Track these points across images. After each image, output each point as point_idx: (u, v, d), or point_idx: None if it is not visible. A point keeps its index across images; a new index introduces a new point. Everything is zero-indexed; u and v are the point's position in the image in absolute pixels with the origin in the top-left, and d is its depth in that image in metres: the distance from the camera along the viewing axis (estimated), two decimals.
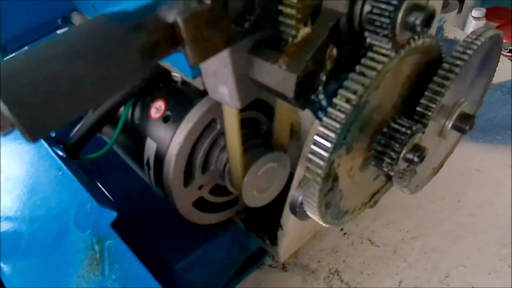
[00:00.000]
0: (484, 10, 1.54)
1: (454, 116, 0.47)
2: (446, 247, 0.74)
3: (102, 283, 0.42)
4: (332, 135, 0.34)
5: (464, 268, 0.70)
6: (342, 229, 0.79)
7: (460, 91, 0.47)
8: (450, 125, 0.48)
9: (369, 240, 0.77)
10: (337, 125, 0.34)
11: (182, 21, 0.28)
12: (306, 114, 0.62)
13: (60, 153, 0.54)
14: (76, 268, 0.44)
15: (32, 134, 0.24)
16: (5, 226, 0.54)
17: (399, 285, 0.70)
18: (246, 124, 0.57)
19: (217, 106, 0.51)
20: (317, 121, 0.53)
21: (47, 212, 0.51)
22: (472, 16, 1.54)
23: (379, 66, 0.34)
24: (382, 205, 0.50)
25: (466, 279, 0.69)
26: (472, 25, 1.57)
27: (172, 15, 0.28)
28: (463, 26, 1.63)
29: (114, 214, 0.44)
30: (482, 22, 1.57)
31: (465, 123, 0.48)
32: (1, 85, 0.23)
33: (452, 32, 1.22)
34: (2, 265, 0.52)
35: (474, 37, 0.43)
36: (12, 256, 0.52)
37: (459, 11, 1.57)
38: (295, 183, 0.57)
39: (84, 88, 0.26)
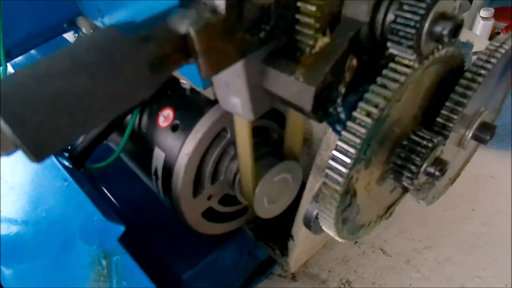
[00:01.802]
0: (492, 10, 1.52)
1: (475, 126, 0.45)
2: (461, 258, 0.72)
3: None
4: (352, 150, 0.32)
5: (480, 280, 0.68)
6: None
7: (481, 100, 0.45)
8: (470, 135, 0.46)
9: (381, 250, 0.75)
10: (357, 140, 0.32)
11: (195, 32, 0.26)
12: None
13: (66, 163, 0.52)
14: (82, 283, 0.42)
15: (36, 155, 0.23)
16: (8, 238, 0.52)
17: None
18: (256, 133, 0.56)
19: (227, 115, 0.50)
20: (330, 129, 0.52)
21: (51, 224, 0.49)
22: (480, 16, 1.52)
23: (402, 78, 0.32)
24: (393, 213, 0.48)
25: None
26: (480, 25, 1.54)
27: (184, 26, 0.26)
28: (471, 26, 1.60)
29: (121, 229, 0.42)
30: (491, 23, 1.54)
31: (485, 133, 0.46)
32: (2, 104, 0.21)
33: (463, 34, 1.20)
34: (7, 277, 0.50)
35: (498, 44, 0.41)
36: (15, 269, 0.51)
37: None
38: (307, 193, 0.55)
39: (91, 105, 0.24)
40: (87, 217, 0.45)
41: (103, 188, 0.78)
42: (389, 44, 0.31)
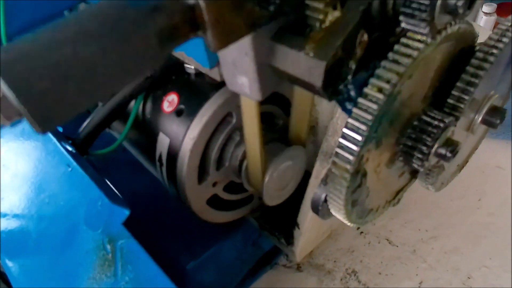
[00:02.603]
0: (495, 5, 1.50)
1: (484, 110, 0.45)
2: (467, 248, 0.71)
3: (115, 285, 0.39)
4: (363, 127, 0.31)
5: (487, 269, 0.67)
6: (358, 228, 0.77)
7: (491, 83, 0.44)
8: (479, 119, 0.45)
9: (387, 240, 0.74)
10: (369, 117, 0.31)
11: (205, 2, 0.25)
12: (324, 109, 0.60)
13: (69, 149, 0.51)
14: (87, 268, 0.42)
15: (41, 125, 0.22)
16: (12, 225, 0.52)
17: (419, 286, 0.67)
18: (261, 119, 0.55)
19: (233, 99, 0.49)
20: (337, 114, 0.51)
21: (55, 210, 0.49)
22: (483, 12, 1.51)
23: (415, 53, 0.31)
24: (400, 201, 0.48)
25: (489, 281, 0.66)
26: (482, 21, 1.53)
27: None
28: (473, 21, 1.59)
29: (126, 212, 0.41)
30: (493, 18, 1.53)
31: (495, 117, 0.45)
32: (5, 69, 0.21)
33: None
34: (10, 265, 0.50)
35: (509, 24, 0.40)
36: (19, 255, 0.50)
37: None
38: (313, 180, 0.54)
39: (98, 74, 0.23)
40: (91, 201, 0.44)
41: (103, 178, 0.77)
42: (401, 17, 0.30)
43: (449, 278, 0.67)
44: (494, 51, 0.38)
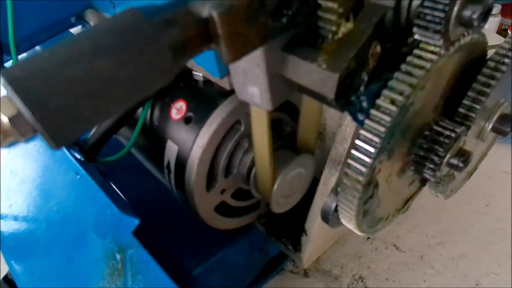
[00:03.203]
0: (499, 6, 1.50)
1: (495, 118, 0.44)
2: (475, 254, 0.71)
3: None
4: (376, 139, 0.31)
5: (495, 276, 0.67)
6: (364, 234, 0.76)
7: (502, 91, 0.44)
8: (490, 127, 0.45)
9: (394, 245, 0.74)
10: (382, 129, 0.31)
11: (218, 15, 0.25)
12: (331, 115, 0.59)
13: (77, 156, 0.51)
14: (96, 277, 0.42)
15: (56, 141, 0.22)
16: (21, 231, 0.52)
17: None
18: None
19: (241, 107, 0.49)
20: (346, 122, 0.51)
21: (64, 217, 0.49)
22: None
23: (428, 64, 0.31)
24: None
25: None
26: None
27: (206, 9, 0.26)
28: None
29: (136, 222, 0.41)
30: (497, 19, 1.52)
31: (506, 125, 0.45)
32: (22, 86, 0.21)
33: None
34: (18, 272, 0.50)
35: None
36: (28, 262, 0.50)
37: None
38: (321, 187, 0.54)
39: (113, 89, 0.23)
40: (100, 210, 0.44)
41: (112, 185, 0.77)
42: (415, 29, 0.30)
43: (457, 285, 0.67)
44: (506, 60, 0.38)
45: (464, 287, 0.67)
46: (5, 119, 0.21)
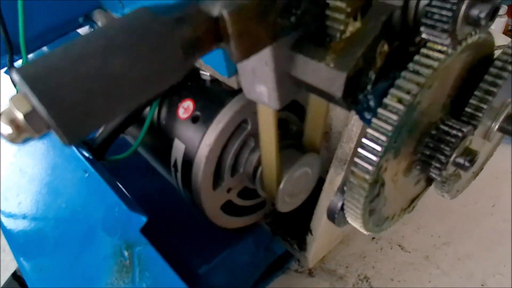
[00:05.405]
0: (505, 7, 1.49)
1: (501, 118, 0.44)
2: (481, 254, 0.70)
3: None
4: (382, 138, 0.31)
5: (502, 277, 0.67)
6: (370, 234, 0.76)
7: (508, 91, 0.44)
8: (496, 127, 0.45)
9: (399, 245, 0.74)
10: (389, 128, 0.31)
11: (229, 14, 0.26)
12: (338, 115, 0.60)
13: (86, 154, 0.52)
14: (104, 274, 0.42)
15: (69, 137, 0.23)
16: (30, 228, 0.52)
17: None
18: None
19: (248, 106, 0.49)
20: (352, 121, 0.51)
21: (72, 214, 0.49)
22: None
23: (435, 63, 0.31)
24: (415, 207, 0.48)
25: None
26: None
27: (217, 8, 0.26)
28: None
29: (144, 219, 0.42)
30: (504, 20, 1.52)
31: None
32: (37, 83, 0.21)
33: None
34: (27, 268, 0.50)
35: None
36: (37, 259, 0.51)
37: None
38: (327, 186, 0.54)
39: (126, 86, 0.24)
40: (108, 207, 0.45)
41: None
42: (422, 28, 0.30)
43: (463, 285, 0.67)
44: None
45: (469, 287, 0.67)
46: (20, 116, 0.21)
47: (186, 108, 0.53)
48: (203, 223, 0.66)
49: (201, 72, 0.54)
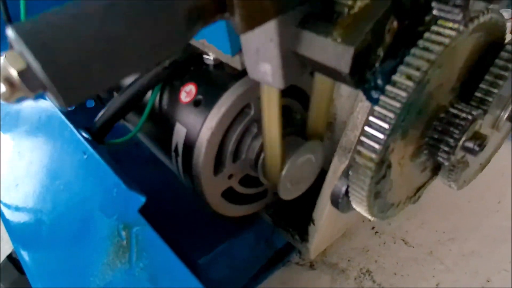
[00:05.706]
0: (510, 11, 1.48)
1: (511, 107, 0.44)
2: (486, 251, 0.69)
3: (129, 272, 0.39)
4: (390, 115, 0.30)
5: (507, 273, 0.66)
6: (373, 228, 0.75)
7: None
8: (505, 116, 0.44)
9: (403, 240, 0.73)
10: (397, 105, 0.30)
11: None
12: (342, 104, 0.59)
13: (85, 136, 0.51)
14: (101, 255, 0.41)
15: (65, 98, 0.22)
16: (27, 212, 0.52)
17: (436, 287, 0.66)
18: None
19: (252, 90, 0.48)
20: (358, 109, 0.50)
21: (71, 197, 0.48)
22: None
23: (446, 40, 0.30)
24: (420, 198, 0.47)
25: (509, 285, 0.64)
26: None
27: None
28: None
29: (142, 199, 0.41)
30: (509, 24, 1.51)
31: None
32: (34, 41, 0.20)
33: None
34: (23, 251, 0.50)
35: None
36: (33, 242, 0.50)
37: None
38: (330, 175, 0.53)
39: (124, 51, 0.23)
40: (107, 188, 0.44)
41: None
42: (434, 3, 0.29)
43: (467, 281, 0.66)
44: None
45: (474, 284, 0.65)
46: (14, 73, 0.20)
47: (188, 92, 0.52)
48: (204, 214, 0.65)
49: (205, 56, 0.53)
